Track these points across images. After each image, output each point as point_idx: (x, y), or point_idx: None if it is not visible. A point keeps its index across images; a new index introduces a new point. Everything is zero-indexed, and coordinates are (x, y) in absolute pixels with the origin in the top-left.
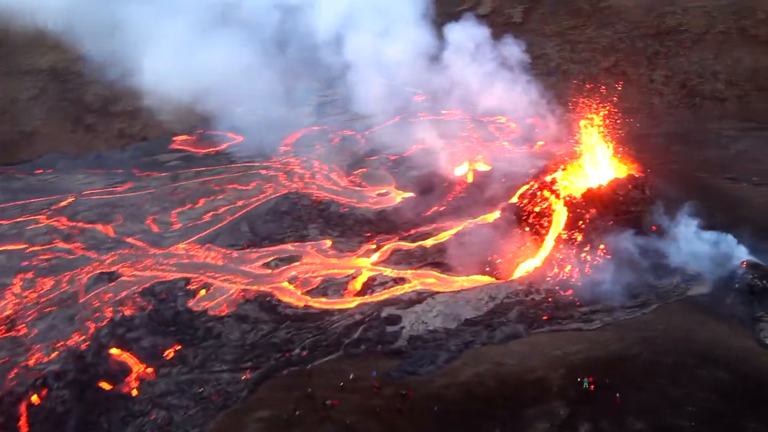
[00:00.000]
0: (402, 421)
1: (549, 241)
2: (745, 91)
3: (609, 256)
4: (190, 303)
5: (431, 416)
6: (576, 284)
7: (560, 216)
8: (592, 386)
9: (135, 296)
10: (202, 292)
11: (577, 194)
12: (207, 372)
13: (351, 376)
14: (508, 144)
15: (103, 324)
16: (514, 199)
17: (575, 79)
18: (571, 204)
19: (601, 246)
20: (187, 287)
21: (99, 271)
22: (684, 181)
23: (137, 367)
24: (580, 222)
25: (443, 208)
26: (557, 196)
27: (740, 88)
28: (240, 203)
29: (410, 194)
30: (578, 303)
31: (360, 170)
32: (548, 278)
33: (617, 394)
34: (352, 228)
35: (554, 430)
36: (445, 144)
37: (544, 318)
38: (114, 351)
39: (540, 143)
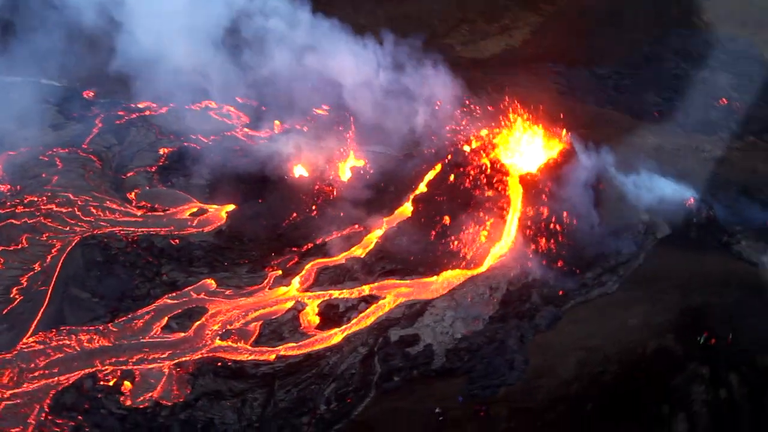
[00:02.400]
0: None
1: (512, 221)
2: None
3: (576, 222)
4: (128, 402)
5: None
6: (562, 254)
7: (516, 195)
8: (713, 340)
9: (46, 417)
10: (127, 383)
11: (534, 170)
12: None
13: (438, 413)
14: (249, 130)
15: None
16: (423, 188)
17: None
18: (527, 181)
19: (565, 214)
20: (101, 384)
21: None
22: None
23: None
24: (543, 196)
25: (315, 213)
26: (505, 174)
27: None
28: (37, 267)
29: (232, 207)
30: (578, 271)
31: (132, 192)
32: (530, 255)
33: (729, 336)
34: (216, 260)
35: (710, 390)
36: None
37: (561, 293)
38: None
39: (277, 123)
